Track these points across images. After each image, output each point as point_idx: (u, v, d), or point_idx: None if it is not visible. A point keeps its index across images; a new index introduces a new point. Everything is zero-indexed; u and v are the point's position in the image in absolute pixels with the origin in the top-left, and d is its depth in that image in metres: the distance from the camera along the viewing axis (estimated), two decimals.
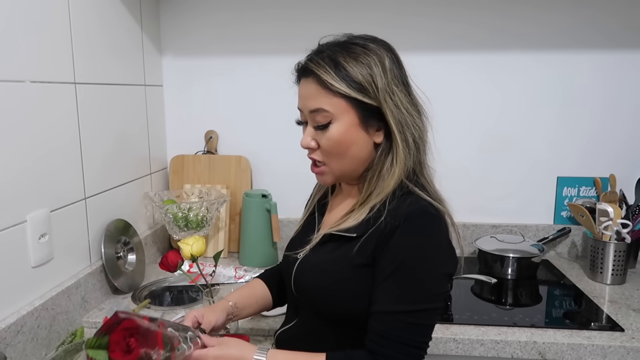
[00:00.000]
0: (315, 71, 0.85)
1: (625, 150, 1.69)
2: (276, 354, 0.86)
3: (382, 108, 0.84)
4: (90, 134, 1.31)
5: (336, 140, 0.86)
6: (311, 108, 0.87)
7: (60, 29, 1.19)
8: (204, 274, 1.13)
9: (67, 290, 1.20)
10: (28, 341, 1.06)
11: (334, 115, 0.85)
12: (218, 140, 1.80)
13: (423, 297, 0.82)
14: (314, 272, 0.92)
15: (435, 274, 0.84)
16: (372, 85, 0.84)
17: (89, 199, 1.32)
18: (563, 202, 1.73)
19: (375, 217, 0.85)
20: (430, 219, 0.84)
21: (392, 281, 0.82)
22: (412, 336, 0.82)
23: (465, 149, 1.72)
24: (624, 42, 1.62)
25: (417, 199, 0.86)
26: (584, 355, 1.16)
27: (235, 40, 1.73)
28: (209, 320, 0.93)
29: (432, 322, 0.86)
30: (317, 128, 0.88)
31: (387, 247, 0.83)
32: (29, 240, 1.09)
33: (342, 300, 0.88)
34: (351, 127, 0.86)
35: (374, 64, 0.84)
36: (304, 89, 0.89)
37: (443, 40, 1.65)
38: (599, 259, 1.50)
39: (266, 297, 1.09)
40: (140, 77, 1.61)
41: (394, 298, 0.82)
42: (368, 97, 0.84)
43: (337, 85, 0.83)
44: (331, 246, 0.91)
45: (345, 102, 0.84)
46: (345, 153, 0.87)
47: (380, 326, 0.82)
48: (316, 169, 0.93)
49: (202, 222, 1.64)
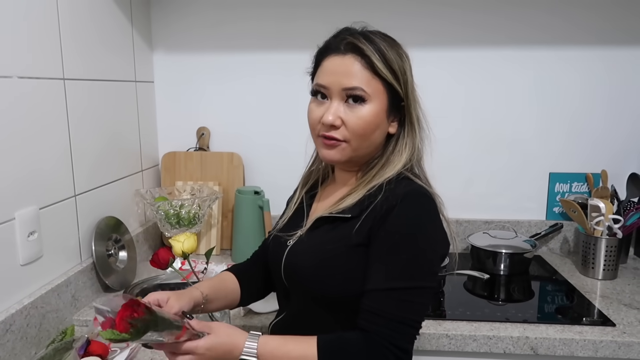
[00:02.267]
0: (363, 50, 0.86)
1: (616, 146, 1.70)
2: (267, 340, 0.83)
3: (407, 100, 0.90)
4: (80, 130, 1.30)
5: (366, 120, 0.87)
6: (348, 85, 0.87)
7: (48, 24, 1.17)
8: (195, 272, 1.12)
9: (57, 288, 1.18)
10: (17, 340, 1.05)
11: (370, 96, 0.87)
12: (210, 137, 1.79)
13: (417, 274, 0.83)
14: (308, 254, 0.92)
15: (429, 252, 0.85)
16: (405, 76, 0.89)
17: (79, 196, 1.31)
18: (555, 198, 1.74)
19: (372, 197, 0.87)
20: (426, 199, 0.87)
21: (386, 259, 0.83)
22: (406, 314, 0.82)
23: (457, 146, 1.72)
24: (613, 39, 1.63)
25: (413, 182, 0.89)
26: (575, 350, 1.16)
27: (228, 36, 1.72)
28: (171, 306, 0.86)
29: (425, 301, 0.86)
30: (348, 106, 0.88)
31: (382, 226, 0.84)
32: (18, 238, 1.08)
33: (337, 281, 0.87)
34: (381, 111, 0.88)
35: (405, 57, 0.90)
36: (342, 66, 0.88)
37: (434, 37, 1.65)
38: (591, 254, 1.51)
39: (235, 294, 1.04)
40: (131, 73, 1.59)
41: (387, 275, 0.82)
42: (400, 87, 0.89)
43: (381, 69, 0.86)
44: (326, 228, 0.92)
45: (382, 86, 0.87)
46: (370, 135, 0.89)
47: (373, 304, 0.82)
48: (331, 142, 0.89)
49: (194, 220, 1.63)
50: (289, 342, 0.84)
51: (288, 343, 0.84)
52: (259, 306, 1.27)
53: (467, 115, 1.71)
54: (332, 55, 0.89)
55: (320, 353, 0.81)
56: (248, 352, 0.81)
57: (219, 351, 0.82)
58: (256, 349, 0.81)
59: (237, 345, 0.82)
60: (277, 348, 0.83)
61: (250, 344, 0.82)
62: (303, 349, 0.82)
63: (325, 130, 0.89)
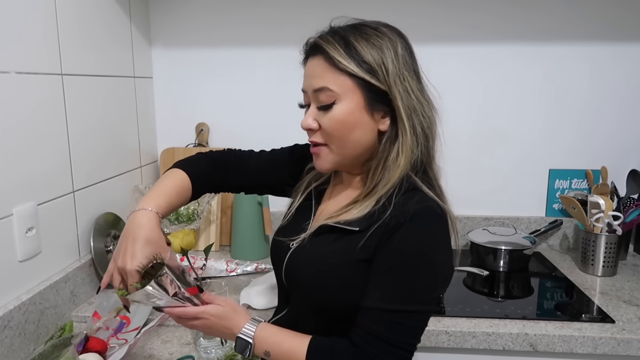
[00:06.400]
0: (324, 47, 0.83)
1: (616, 142, 1.69)
2: (265, 327, 0.86)
3: (391, 92, 0.82)
4: (78, 126, 1.29)
5: (339, 120, 0.83)
6: (315, 87, 0.84)
7: (46, 19, 1.16)
8: (194, 268, 1.12)
9: (55, 284, 1.18)
10: (16, 336, 1.05)
11: (338, 95, 0.82)
12: (209, 133, 1.78)
13: (416, 298, 0.80)
14: (310, 264, 0.89)
15: (431, 276, 0.81)
16: (382, 67, 0.81)
17: (78, 192, 1.30)
18: (555, 195, 1.74)
19: (380, 211, 0.83)
20: (436, 220, 0.82)
21: (386, 278, 0.81)
22: (399, 337, 0.80)
23: (457, 142, 1.71)
24: (611, 36, 1.62)
25: (426, 197, 0.83)
26: (575, 346, 1.16)
27: (226, 31, 1.71)
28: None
29: (422, 324, 0.83)
30: (320, 108, 0.85)
31: (388, 243, 0.81)
32: (16, 234, 1.07)
33: (337, 294, 0.86)
34: (356, 109, 0.83)
35: (386, 47, 0.82)
36: (310, 68, 0.87)
37: (432, 33, 1.65)
38: (590, 251, 1.51)
39: (186, 198, 0.99)
40: (130, 69, 1.59)
41: (385, 296, 0.80)
42: (377, 80, 0.81)
43: (345, 63, 0.81)
44: (330, 237, 0.88)
45: (351, 82, 0.82)
46: (348, 136, 0.84)
47: (368, 322, 0.81)
48: (314, 149, 0.89)
49: (192, 216, 1.62)
50: (284, 335, 0.86)
51: (283, 335, 0.86)
52: (257, 302, 1.27)
53: (468, 111, 1.70)
54: (307, 59, 0.88)
55: (309, 353, 0.82)
56: (245, 333, 0.85)
57: (222, 322, 0.85)
58: (254, 332, 0.85)
59: (239, 323, 0.85)
60: (271, 336, 0.85)
61: (249, 326, 0.85)
62: (294, 344, 0.84)
63: (309, 136, 0.89)
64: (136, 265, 0.80)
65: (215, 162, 1.05)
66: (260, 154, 1.10)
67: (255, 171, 1.06)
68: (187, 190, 0.98)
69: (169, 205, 0.92)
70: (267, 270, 1.50)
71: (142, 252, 0.81)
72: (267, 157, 1.09)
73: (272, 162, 1.07)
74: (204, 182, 1.01)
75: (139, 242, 0.82)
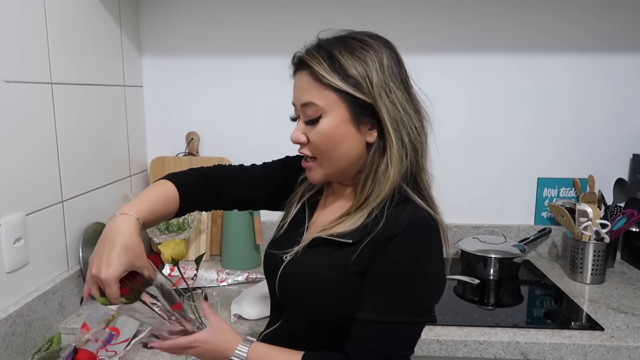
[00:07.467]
0: (308, 63, 0.84)
1: (603, 151, 1.72)
2: (257, 348, 0.86)
3: (376, 104, 0.82)
4: (67, 135, 1.28)
5: (325, 134, 0.84)
6: (302, 101, 0.85)
7: (35, 28, 1.16)
8: (185, 278, 1.11)
9: (43, 295, 1.16)
10: (2, 349, 1.03)
11: (324, 109, 0.83)
12: (199, 142, 1.77)
13: (410, 309, 0.81)
14: (303, 277, 0.89)
15: (426, 286, 0.82)
16: (366, 80, 0.81)
17: (67, 202, 1.29)
18: (543, 203, 1.75)
19: (373, 223, 0.83)
20: (429, 231, 0.82)
21: (380, 289, 0.81)
22: (392, 348, 0.80)
23: (446, 151, 1.72)
24: (595, 47, 1.65)
25: (418, 208, 0.83)
26: (565, 354, 1.17)
27: (217, 41, 1.71)
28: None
29: (415, 336, 0.83)
30: (307, 123, 0.86)
31: (381, 254, 0.81)
32: (3, 244, 1.06)
33: (332, 307, 0.86)
34: (341, 123, 0.83)
35: (370, 59, 0.82)
36: (297, 82, 0.88)
37: (421, 42, 1.66)
38: (579, 258, 1.52)
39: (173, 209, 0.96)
40: (120, 78, 1.58)
41: (379, 308, 0.80)
42: (361, 93, 0.82)
43: (328, 78, 0.82)
44: (324, 250, 0.88)
45: (336, 96, 0.83)
46: (335, 149, 0.85)
47: (361, 334, 0.81)
48: (306, 164, 0.91)
49: (183, 225, 1.61)
50: (277, 353, 0.87)
51: (275, 353, 0.87)
52: (249, 312, 1.27)
53: (457, 120, 1.71)
54: (296, 71, 0.89)
55: None
56: (238, 355, 0.85)
57: (214, 348, 0.85)
58: (246, 352, 0.85)
59: (230, 346, 0.85)
60: (263, 356, 0.86)
61: (242, 348, 0.85)
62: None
63: (300, 149, 0.90)
64: (111, 274, 0.77)
65: (207, 176, 1.03)
66: (252, 168, 1.09)
67: (249, 184, 1.05)
68: (173, 201, 0.95)
69: (152, 214, 0.89)
70: (258, 280, 1.49)
71: (118, 260, 0.77)
72: (259, 170, 1.08)
73: (265, 174, 1.07)
74: (192, 196, 0.99)
75: (116, 248, 0.78)
